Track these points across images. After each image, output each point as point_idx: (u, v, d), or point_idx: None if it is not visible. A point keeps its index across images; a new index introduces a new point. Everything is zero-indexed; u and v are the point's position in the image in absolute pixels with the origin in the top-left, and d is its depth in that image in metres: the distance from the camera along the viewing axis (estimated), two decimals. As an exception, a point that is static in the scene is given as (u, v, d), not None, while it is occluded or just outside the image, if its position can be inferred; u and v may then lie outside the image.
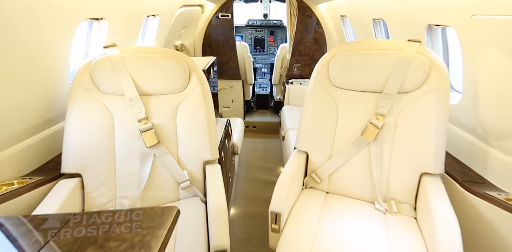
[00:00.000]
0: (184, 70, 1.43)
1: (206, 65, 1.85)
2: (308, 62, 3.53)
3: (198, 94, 1.47)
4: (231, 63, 3.58)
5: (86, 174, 1.32)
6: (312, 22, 3.34)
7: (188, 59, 1.50)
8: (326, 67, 1.54)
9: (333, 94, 1.55)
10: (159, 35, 2.51)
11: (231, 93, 3.79)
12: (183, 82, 1.44)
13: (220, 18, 3.38)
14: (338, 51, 1.52)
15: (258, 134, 3.95)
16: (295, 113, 3.22)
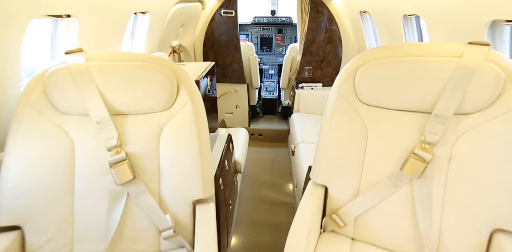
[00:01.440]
0: (171, 83, 1.10)
1: (200, 74, 1.50)
2: (320, 64, 3.16)
3: (188, 112, 1.14)
4: (234, 66, 3.24)
5: (28, 226, 1.00)
6: (325, 19, 2.97)
7: (177, 68, 1.17)
8: (352, 79, 1.19)
9: (361, 113, 1.19)
10: (151, 35, 2.18)
11: (235, 98, 3.46)
12: (168, 97, 1.11)
13: (223, 15, 3.04)
14: (368, 57, 1.16)
15: (264, 143, 3.60)
16: (306, 122, 2.86)
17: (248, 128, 3.61)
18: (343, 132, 1.23)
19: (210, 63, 1.74)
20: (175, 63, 1.20)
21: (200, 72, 1.52)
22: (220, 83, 3.35)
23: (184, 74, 1.19)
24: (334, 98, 1.24)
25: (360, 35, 2.84)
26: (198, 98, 1.20)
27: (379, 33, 2.38)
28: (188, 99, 1.15)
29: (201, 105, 1.20)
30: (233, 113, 3.55)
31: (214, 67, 1.77)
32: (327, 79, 3.23)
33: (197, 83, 1.38)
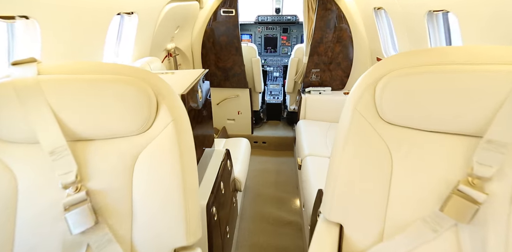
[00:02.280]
0: (148, 99, 0.87)
1: (188, 86, 1.27)
2: (329, 66, 2.90)
3: (169, 136, 0.91)
4: (236, 69, 3.00)
5: None
6: (334, 17, 2.71)
7: (156, 80, 0.94)
8: (371, 92, 0.94)
9: (383, 135, 0.94)
10: (140, 38, 1.96)
11: (237, 103, 3.22)
12: (145, 118, 0.88)
13: (223, 15, 2.80)
14: (392, 65, 0.90)
15: (269, 152, 3.36)
16: (313, 130, 2.61)
17: (251, 135, 3.37)
18: (361, 158, 0.98)
19: (203, 71, 1.51)
20: (155, 74, 0.97)
21: (189, 83, 1.29)
22: (221, 87, 3.13)
23: (166, 88, 0.96)
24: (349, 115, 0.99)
25: (374, 34, 2.57)
26: (183, 117, 0.97)
27: (396, 32, 2.11)
28: (170, 119, 0.92)
29: (186, 126, 0.97)
30: (234, 119, 3.32)
31: (207, 75, 1.54)
32: (337, 83, 2.97)
33: (184, 97, 1.15)
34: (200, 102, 1.38)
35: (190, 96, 1.23)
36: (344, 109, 1.04)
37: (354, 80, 2.96)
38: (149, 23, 2.02)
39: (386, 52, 2.50)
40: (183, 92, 1.15)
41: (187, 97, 1.17)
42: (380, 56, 2.57)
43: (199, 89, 1.37)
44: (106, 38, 1.56)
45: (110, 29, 1.69)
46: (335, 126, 2.87)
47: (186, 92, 1.17)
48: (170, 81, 1.33)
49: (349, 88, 2.99)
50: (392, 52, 2.48)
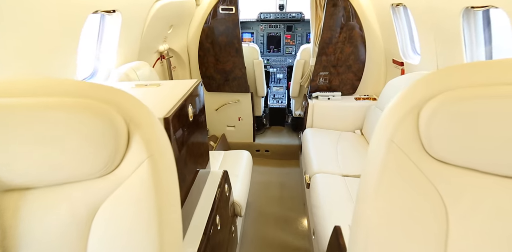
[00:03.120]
0: (113, 130, 0.63)
1: (174, 105, 1.01)
2: (339, 69, 2.63)
3: (143, 178, 0.67)
4: (236, 72, 2.74)
5: None
6: (345, 15, 2.43)
7: (129, 101, 0.70)
8: (414, 119, 0.69)
9: (433, 178, 0.69)
10: (125, 40, 1.70)
11: (237, 109, 2.97)
12: (109, 156, 0.64)
13: (221, 12, 2.54)
14: (445, 84, 0.65)
15: (272, 161, 3.11)
16: (322, 141, 2.35)
17: (253, 143, 3.12)
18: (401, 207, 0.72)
19: (195, 82, 1.25)
20: (126, 94, 0.72)
21: (176, 99, 1.03)
22: (220, 92, 2.87)
23: (142, 111, 0.72)
24: (383, 149, 0.73)
25: (390, 34, 2.29)
26: (164, 151, 0.72)
27: (419, 31, 1.84)
28: (145, 155, 0.68)
29: (168, 162, 0.73)
30: (235, 126, 3.07)
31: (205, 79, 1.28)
32: (347, 87, 2.70)
33: (168, 122, 0.89)
34: (191, 121, 1.13)
35: (177, 119, 0.97)
36: (374, 139, 0.78)
37: (366, 84, 2.69)
38: (135, 23, 1.76)
39: (404, 54, 2.23)
40: (166, 115, 0.90)
41: (173, 121, 0.92)
42: (396, 58, 2.30)
43: (189, 106, 1.12)
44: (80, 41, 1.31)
45: (89, 30, 1.44)
46: (346, 136, 2.65)
47: (172, 115, 0.91)
48: (152, 98, 1.08)
49: (360, 93, 2.73)
50: (410, 53, 2.21)
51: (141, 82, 1.29)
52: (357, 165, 1.98)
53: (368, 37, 2.49)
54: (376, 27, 2.47)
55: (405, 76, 1.93)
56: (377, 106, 2.25)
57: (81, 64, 1.64)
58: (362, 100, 2.60)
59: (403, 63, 2.21)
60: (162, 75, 2.41)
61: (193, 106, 1.17)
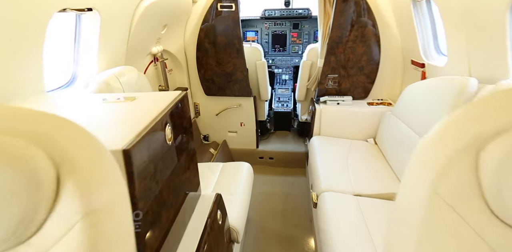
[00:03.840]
0: (28, 180, 0.44)
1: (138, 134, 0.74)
2: (350, 71, 2.38)
3: (74, 249, 0.48)
4: (237, 74, 2.53)
5: None
6: (357, 11, 2.18)
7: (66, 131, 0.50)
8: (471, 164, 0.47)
9: (496, 245, 0.47)
10: (107, 41, 1.51)
11: (239, 114, 2.76)
12: (18, 217, 0.45)
13: (220, 10, 2.32)
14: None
15: (276, 169, 2.90)
16: (331, 151, 2.12)
17: (256, 150, 2.91)
18: None
19: (178, 94, 1.04)
20: (64, 120, 0.53)
21: (147, 121, 0.82)
22: (220, 96, 2.67)
23: (83, 146, 0.53)
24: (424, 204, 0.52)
25: (410, 32, 2.03)
26: (113, 206, 0.53)
27: (447, 29, 1.58)
28: (79, 214, 0.49)
29: (119, 221, 0.54)
30: (237, 131, 2.86)
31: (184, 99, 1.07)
32: (359, 91, 2.45)
33: (127, 155, 0.68)
34: (169, 145, 0.93)
35: (146, 147, 0.76)
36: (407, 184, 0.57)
37: (380, 87, 2.44)
38: (119, 23, 1.57)
39: (425, 54, 1.97)
40: (127, 145, 0.69)
41: (137, 153, 0.71)
42: (417, 59, 2.05)
43: (168, 127, 0.91)
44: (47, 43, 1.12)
45: (66, 31, 1.26)
46: (358, 146, 2.30)
47: (135, 144, 0.70)
48: (116, 119, 0.86)
49: (373, 97, 2.48)
50: (433, 54, 1.95)
51: (113, 95, 1.09)
52: (371, 183, 1.75)
53: (383, 35, 2.24)
54: (392, 24, 2.21)
55: (428, 81, 1.68)
56: (394, 113, 2.00)
57: (58, 70, 1.46)
58: (375, 105, 2.36)
59: (424, 64, 1.96)
60: (157, 79, 2.22)
61: (175, 126, 0.96)
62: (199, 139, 2.81)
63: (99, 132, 0.57)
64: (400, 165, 1.79)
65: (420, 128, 1.62)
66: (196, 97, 2.71)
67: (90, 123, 0.81)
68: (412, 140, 1.66)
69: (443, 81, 1.51)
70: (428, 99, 1.62)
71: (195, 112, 2.77)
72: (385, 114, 2.14)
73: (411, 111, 1.78)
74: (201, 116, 2.79)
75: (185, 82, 2.58)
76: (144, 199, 0.76)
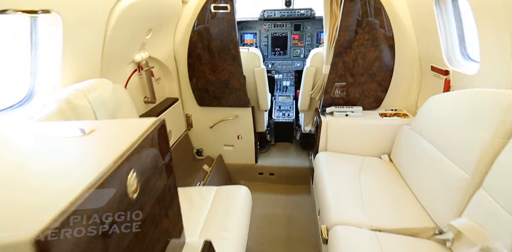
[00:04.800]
0: None
1: (62, 213, 0.43)
2: (360, 78, 2.12)
3: None
4: (233, 83, 2.27)
5: None
6: (369, 11, 1.92)
7: None
8: None
9: None
10: (73, 49, 1.25)
11: (236, 126, 2.50)
12: None
13: (214, 12, 2.06)
14: None
15: (278, 186, 2.63)
16: (341, 171, 1.86)
17: (255, 165, 2.65)
18: None
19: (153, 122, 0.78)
20: None
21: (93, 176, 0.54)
22: (214, 107, 2.40)
23: None
24: None
25: (429, 34, 1.78)
26: None
27: (481, 31, 1.32)
28: None
29: None
30: (233, 145, 2.60)
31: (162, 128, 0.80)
32: (370, 100, 2.19)
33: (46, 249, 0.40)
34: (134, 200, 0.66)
35: (81, 225, 0.49)
36: None
37: (394, 96, 2.18)
38: (89, 28, 1.30)
39: (449, 59, 1.72)
40: (42, 235, 0.41)
41: (55, 246, 0.43)
42: (438, 65, 1.79)
43: (132, 173, 0.64)
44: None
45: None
46: (371, 163, 1.93)
47: (57, 229, 0.42)
48: (40, 175, 0.57)
49: (386, 107, 2.21)
50: (460, 59, 1.69)
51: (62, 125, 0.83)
52: (392, 213, 1.48)
53: (398, 38, 1.98)
54: (408, 25, 1.95)
55: (459, 93, 1.41)
56: (414, 127, 1.74)
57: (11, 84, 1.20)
58: (389, 117, 2.09)
59: (447, 71, 1.70)
60: (142, 90, 1.96)
61: (145, 169, 0.70)
62: (192, 154, 2.54)
63: None
64: (423, 190, 1.52)
65: (448, 148, 1.36)
66: (188, 108, 2.45)
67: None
68: (438, 162, 1.40)
69: (482, 94, 1.24)
70: (459, 114, 1.35)
71: (187, 125, 2.51)
72: (402, 128, 1.88)
73: (436, 127, 1.51)
74: (193, 129, 2.52)
75: (176, 91, 2.32)
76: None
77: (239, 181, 2.69)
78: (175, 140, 2.29)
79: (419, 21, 1.87)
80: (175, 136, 2.28)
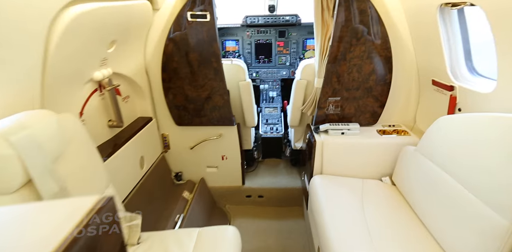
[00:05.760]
0: None
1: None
2: (355, 93, 1.93)
3: None
4: (216, 99, 2.01)
5: None
6: (364, 21, 1.73)
7: None
8: None
9: None
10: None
11: (220, 146, 2.24)
12: None
13: (191, 20, 1.80)
14: None
15: (268, 210, 2.39)
16: (340, 199, 1.66)
17: (242, 187, 2.40)
18: None
19: (93, 205, 0.52)
20: None
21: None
22: (194, 126, 2.13)
23: None
24: None
25: (430, 45, 1.61)
26: None
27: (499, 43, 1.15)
28: None
29: None
30: (217, 166, 2.33)
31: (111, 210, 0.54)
32: (366, 116, 2.00)
33: None
34: None
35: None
36: None
37: (391, 111, 2.01)
38: (20, 45, 1.00)
39: (453, 73, 1.55)
40: None
41: None
42: (440, 79, 1.62)
43: None
44: None
45: None
46: (372, 187, 1.66)
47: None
48: None
49: (383, 122, 2.04)
50: (466, 73, 1.53)
51: None
52: (403, 249, 1.28)
53: (395, 50, 1.80)
54: (406, 35, 1.78)
55: (477, 117, 1.23)
56: (420, 151, 1.55)
57: None
58: (389, 134, 1.91)
59: (453, 87, 1.53)
60: (105, 113, 1.66)
61: None
62: (170, 179, 2.25)
63: None
64: (441, 229, 1.31)
65: (474, 183, 1.15)
66: (164, 128, 2.16)
67: None
68: (460, 198, 1.19)
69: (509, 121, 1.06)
70: (486, 144, 1.14)
71: (164, 146, 2.22)
72: (405, 149, 1.70)
73: (452, 154, 1.31)
74: (171, 150, 2.24)
75: (149, 110, 2.03)
76: None
77: (225, 205, 2.43)
78: (150, 165, 1.99)
79: (417, 31, 1.71)
80: (149, 161, 1.99)
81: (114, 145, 1.64)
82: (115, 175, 1.50)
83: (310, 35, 3.20)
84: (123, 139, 1.70)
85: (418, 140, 1.78)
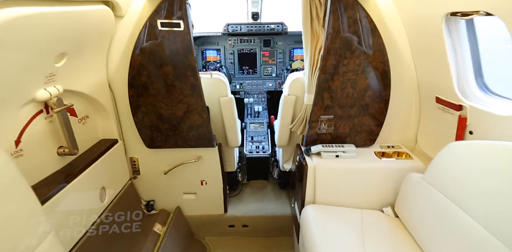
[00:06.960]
0: None
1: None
2: (350, 111, 1.73)
3: None
4: (193, 118, 1.75)
5: None
6: (358, 32, 1.55)
7: None
8: None
9: None
10: None
11: (199, 169, 1.97)
12: None
13: (162, 29, 1.55)
14: None
15: (253, 242, 2.12)
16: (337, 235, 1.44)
17: (224, 215, 2.12)
18: None
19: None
20: None
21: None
22: (169, 148, 1.86)
23: None
24: None
25: (433, 60, 1.43)
26: None
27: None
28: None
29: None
30: (196, 193, 2.05)
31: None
32: (362, 136, 1.80)
33: None
34: None
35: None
36: None
37: (389, 130, 1.81)
38: None
39: (461, 90, 1.38)
40: None
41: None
42: (446, 97, 1.44)
43: None
44: None
45: None
46: (372, 220, 1.24)
47: None
48: None
49: (381, 142, 1.84)
50: (477, 91, 1.35)
51: None
52: None
53: (393, 63, 1.62)
54: (404, 47, 1.60)
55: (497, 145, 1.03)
56: (428, 180, 1.35)
57: None
58: (388, 157, 1.71)
59: (461, 106, 1.35)
60: (54, 139, 1.36)
61: None
62: (139, 209, 1.95)
63: None
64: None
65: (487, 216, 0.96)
66: (132, 151, 1.87)
67: None
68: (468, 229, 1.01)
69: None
70: (503, 173, 0.97)
71: (133, 171, 1.92)
72: (410, 177, 1.49)
73: (464, 184, 1.12)
74: (141, 176, 1.94)
75: (114, 131, 1.74)
76: None
77: (204, 237, 2.14)
78: (114, 195, 1.69)
79: (418, 43, 1.54)
80: (113, 191, 1.68)
81: (65, 176, 1.34)
82: (64, 216, 1.21)
83: (298, 44, 3.02)
84: (78, 168, 1.40)
85: (422, 165, 1.59)
